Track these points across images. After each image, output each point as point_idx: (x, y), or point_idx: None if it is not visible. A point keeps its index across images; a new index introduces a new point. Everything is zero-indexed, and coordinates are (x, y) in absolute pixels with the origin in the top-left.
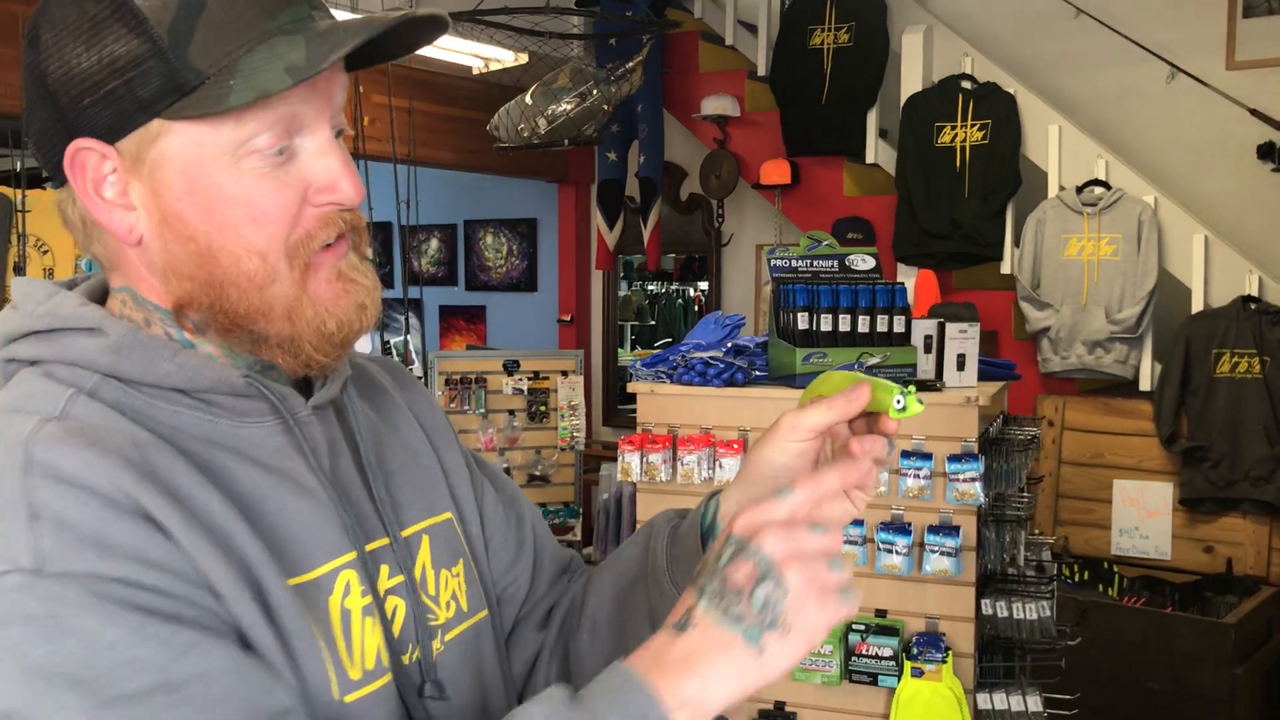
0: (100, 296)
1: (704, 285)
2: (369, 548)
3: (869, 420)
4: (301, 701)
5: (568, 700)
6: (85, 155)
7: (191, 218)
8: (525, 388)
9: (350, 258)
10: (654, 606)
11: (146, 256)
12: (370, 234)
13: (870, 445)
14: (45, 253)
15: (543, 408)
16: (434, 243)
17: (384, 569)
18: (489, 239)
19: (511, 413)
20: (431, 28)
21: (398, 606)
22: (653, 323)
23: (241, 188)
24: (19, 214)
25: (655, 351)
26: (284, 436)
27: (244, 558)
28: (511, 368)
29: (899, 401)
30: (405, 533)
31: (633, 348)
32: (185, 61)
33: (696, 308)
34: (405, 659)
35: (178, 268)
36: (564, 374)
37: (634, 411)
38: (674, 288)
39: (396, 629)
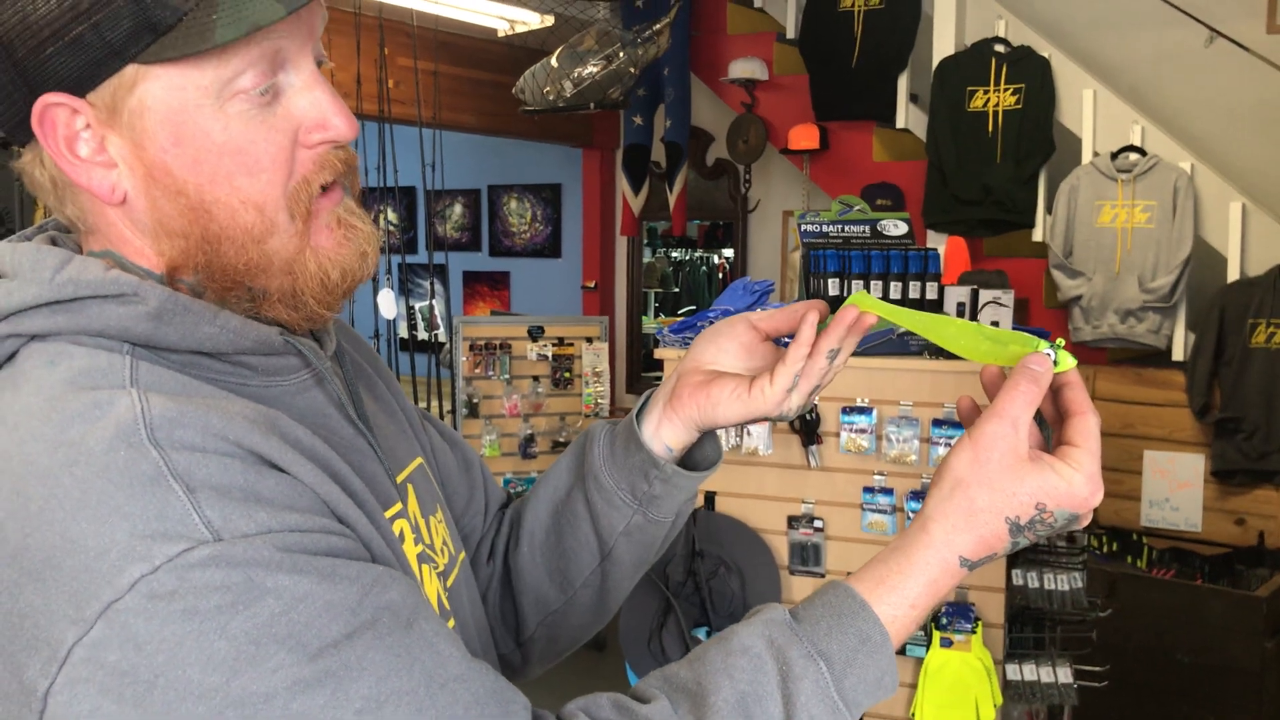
0: None
1: (728, 252)
2: None
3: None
4: None
5: (789, 621)
6: (54, 111)
7: (179, 170)
8: (550, 354)
9: (347, 201)
10: (593, 503)
11: (131, 216)
12: (398, 197)
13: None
14: None
15: (567, 374)
16: (458, 208)
17: None
18: (513, 204)
19: (536, 379)
20: None
21: None
22: (676, 290)
23: (230, 134)
24: None
25: (681, 318)
26: (315, 391)
27: (354, 491)
28: (536, 334)
29: (1049, 354)
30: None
31: (656, 315)
32: None
33: (720, 275)
34: None
35: (168, 225)
36: (588, 340)
37: (658, 379)
38: (698, 254)
39: None
